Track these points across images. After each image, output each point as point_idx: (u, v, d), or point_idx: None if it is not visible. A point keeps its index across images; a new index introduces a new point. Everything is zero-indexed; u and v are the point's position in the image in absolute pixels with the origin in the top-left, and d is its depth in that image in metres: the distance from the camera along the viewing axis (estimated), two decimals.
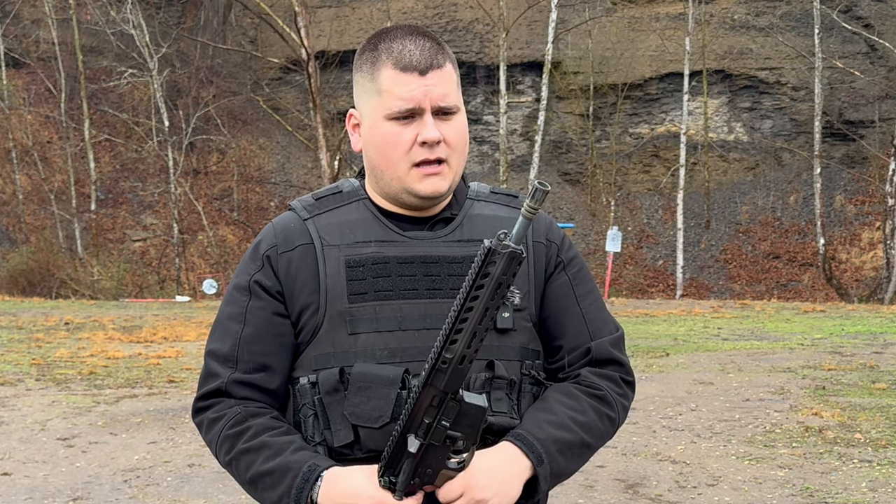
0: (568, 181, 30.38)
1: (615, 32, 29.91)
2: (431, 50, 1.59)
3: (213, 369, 1.65)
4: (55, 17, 27.75)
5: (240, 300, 1.65)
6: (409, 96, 1.57)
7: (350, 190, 1.70)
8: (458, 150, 1.62)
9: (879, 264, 24.24)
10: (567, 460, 1.59)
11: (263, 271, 1.64)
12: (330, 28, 30.71)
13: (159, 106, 26.85)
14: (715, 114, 29.46)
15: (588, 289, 1.73)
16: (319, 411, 1.58)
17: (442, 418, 1.41)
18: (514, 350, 1.62)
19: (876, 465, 5.85)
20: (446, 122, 1.60)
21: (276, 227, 1.68)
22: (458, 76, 1.66)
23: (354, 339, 1.58)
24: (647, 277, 27.35)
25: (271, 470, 1.54)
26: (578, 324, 1.69)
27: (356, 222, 1.65)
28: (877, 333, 12.38)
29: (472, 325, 1.36)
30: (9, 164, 27.24)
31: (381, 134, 1.60)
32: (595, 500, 5.27)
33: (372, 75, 1.61)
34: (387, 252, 1.61)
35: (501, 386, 1.59)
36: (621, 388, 1.69)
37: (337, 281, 1.60)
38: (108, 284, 23.95)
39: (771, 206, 28.05)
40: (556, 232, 1.74)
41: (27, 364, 10.35)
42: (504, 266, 1.34)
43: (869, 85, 27.61)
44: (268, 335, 1.62)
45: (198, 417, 1.66)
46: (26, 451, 6.44)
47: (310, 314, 1.60)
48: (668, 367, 9.63)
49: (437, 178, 1.60)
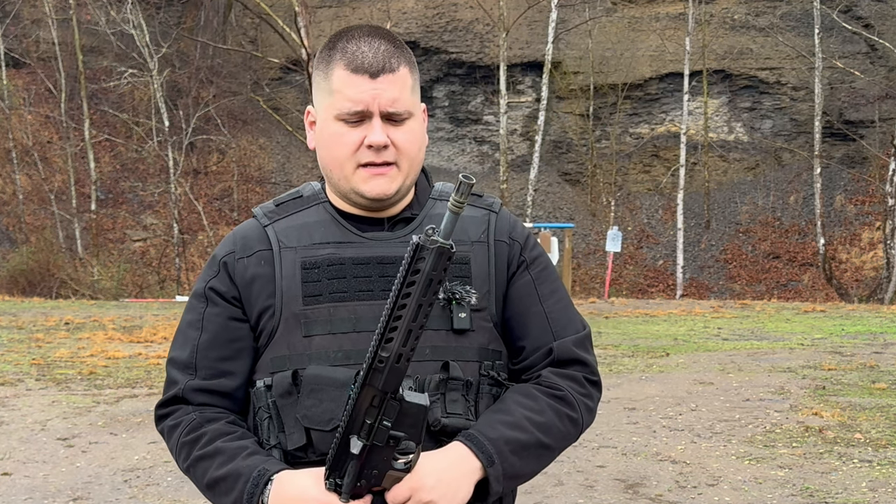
0: (568, 181, 30.38)
1: (615, 32, 29.90)
2: (386, 53, 1.57)
3: (173, 377, 1.66)
4: (55, 17, 27.74)
5: (197, 307, 1.66)
6: (357, 98, 1.55)
7: (311, 194, 1.70)
8: (408, 154, 1.60)
9: (879, 264, 24.23)
10: (522, 461, 1.56)
11: (219, 277, 1.65)
12: (330, 28, 30.70)
13: (159, 106, 26.84)
14: (715, 114, 29.45)
15: (552, 288, 1.71)
16: (274, 414, 1.57)
17: (383, 418, 1.40)
18: (473, 351, 1.60)
19: (876, 465, 5.85)
20: (396, 127, 1.58)
21: (236, 235, 1.69)
22: (416, 79, 1.63)
23: (309, 341, 1.57)
24: (647, 277, 27.34)
25: (224, 476, 1.54)
26: (541, 324, 1.67)
27: (315, 225, 1.64)
28: (877, 333, 12.38)
29: (407, 322, 1.35)
30: (9, 164, 27.23)
31: (330, 134, 1.60)
32: (595, 500, 5.26)
33: (326, 74, 1.60)
34: (343, 253, 1.61)
35: (457, 387, 1.57)
36: (584, 388, 1.66)
37: (292, 283, 1.59)
38: (108, 284, 23.95)
39: (771, 206, 28.05)
40: (521, 231, 1.72)
41: (27, 364, 10.35)
42: (433, 262, 1.33)
43: (869, 85, 27.61)
44: (225, 340, 1.63)
45: (159, 425, 1.68)
46: (26, 451, 6.44)
47: (268, 317, 1.60)
48: (668, 367, 9.63)
49: (384, 179, 1.58)
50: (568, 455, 6.22)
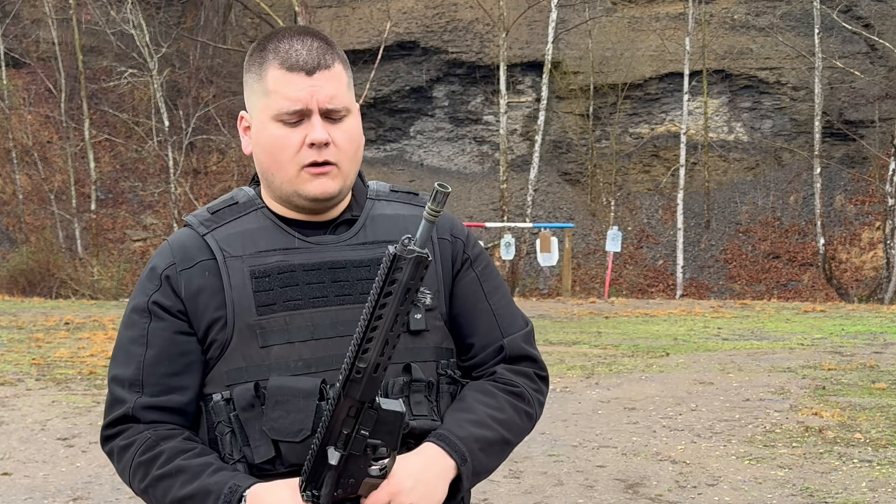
0: (568, 181, 30.37)
1: (615, 32, 29.90)
2: (319, 50, 1.56)
3: (119, 395, 1.59)
4: (55, 17, 27.74)
5: (140, 323, 1.60)
6: (295, 97, 1.53)
7: (246, 200, 1.65)
8: (348, 153, 1.58)
9: (879, 264, 24.23)
10: (488, 458, 1.58)
11: (162, 291, 1.58)
12: (330, 28, 30.70)
13: (159, 106, 26.84)
14: (715, 114, 29.45)
15: (496, 284, 1.72)
16: (237, 428, 1.54)
17: (361, 428, 1.39)
18: (429, 350, 1.61)
19: (876, 465, 5.85)
20: (335, 125, 1.57)
21: (173, 246, 1.63)
22: (350, 77, 1.62)
23: (266, 351, 1.54)
24: (647, 277, 27.34)
25: (191, 494, 1.49)
26: (489, 321, 1.68)
27: (257, 231, 1.60)
28: (877, 333, 12.38)
29: (384, 332, 1.35)
30: (9, 164, 27.23)
31: (269, 136, 1.57)
32: (595, 500, 5.26)
33: (259, 75, 1.58)
34: (292, 260, 1.58)
35: (420, 389, 1.57)
36: (536, 383, 1.69)
37: (243, 293, 1.55)
38: (108, 284, 23.95)
39: (771, 206, 28.04)
40: (460, 228, 1.72)
41: (27, 364, 10.35)
42: (411, 271, 1.33)
43: (869, 85, 27.60)
44: (172, 355, 1.58)
45: (107, 446, 1.61)
46: (26, 451, 6.44)
47: (218, 329, 1.56)
48: (668, 367, 9.63)
49: (326, 178, 1.56)
50: (568, 455, 6.22)
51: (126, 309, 1.65)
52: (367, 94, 24.77)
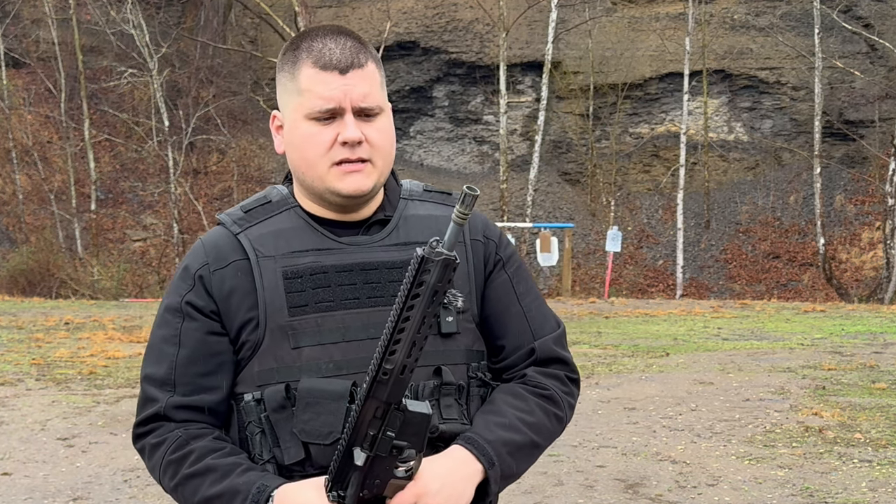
0: (568, 181, 30.37)
1: (615, 32, 29.90)
2: (353, 49, 1.56)
3: (151, 394, 1.60)
4: (55, 17, 27.74)
5: (172, 322, 1.60)
6: (329, 95, 1.54)
7: (279, 199, 1.65)
8: (381, 151, 1.58)
9: (879, 264, 24.23)
10: (517, 461, 1.58)
11: (195, 291, 1.59)
12: None
13: (159, 106, 26.84)
14: (715, 114, 29.45)
15: (528, 286, 1.71)
16: (267, 429, 1.54)
17: (387, 429, 1.39)
18: (460, 353, 1.61)
19: (876, 465, 5.85)
20: (369, 123, 1.56)
21: (206, 245, 1.62)
22: (383, 76, 1.62)
23: (298, 353, 1.54)
24: (647, 277, 27.34)
25: (219, 493, 1.50)
26: (520, 322, 1.67)
27: (289, 231, 1.60)
28: (877, 333, 12.38)
29: (411, 334, 1.34)
30: (9, 164, 27.23)
31: (301, 134, 1.57)
32: (595, 500, 5.26)
33: (293, 74, 1.59)
34: (324, 261, 1.58)
35: (450, 392, 1.57)
36: (567, 386, 1.69)
37: (275, 294, 1.55)
38: (108, 284, 23.95)
39: (771, 206, 28.05)
40: (493, 229, 1.72)
41: (27, 364, 10.35)
42: (439, 274, 1.32)
43: (869, 85, 27.61)
44: (204, 355, 1.58)
45: (139, 443, 1.63)
46: (26, 451, 6.44)
47: (250, 330, 1.56)
48: (668, 367, 9.63)
49: (359, 175, 1.56)
50: (568, 455, 6.22)
51: (159, 307, 1.65)
52: None
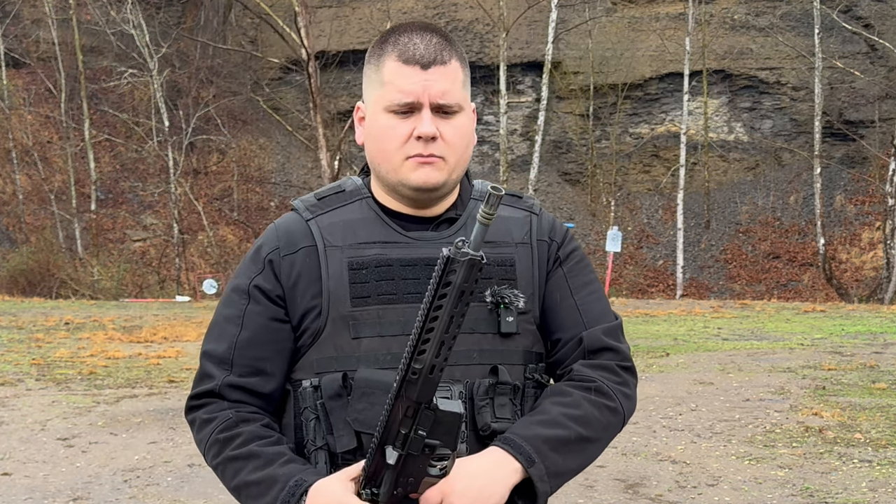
0: (568, 181, 30.38)
1: (615, 32, 29.90)
2: (438, 46, 1.58)
3: (208, 370, 1.63)
4: (55, 17, 27.75)
5: (238, 303, 1.63)
6: (408, 89, 1.55)
7: (353, 189, 1.68)
8: (456, 149, 1.59)
9: (879, 264, 24.23)
10: (565, 457, 1.54)
11: (264, 275, 1.62)
12: (330, 28, 30.70)
13: (159, 106, 26.85)
14: (715, 114, 29.45)
15: (585, 280, 1.70)
16: (322, 416, 1.55)
17: (418, 428, 1.39)
18: (518, 354, 1.61)
19: (876, 465, 5.85)
20: (446, 121, 1.58)
21: (279, 229, 1.66)
22: (467, 75, 1.63)
23: (357, 342, 1.56)
24: (647, 277, 27.34)
25: (258, 480, 1.52)
26: (573, 315, 1.66)
27: (359, 222, 1.63)
28: (877, 333, 12.38)
29: (439, 334, 1.34)
30: (9, 164, 27.24)
31: (380, 126, 1.59)
32: (595, 500, 5.26)
33: (377, 66, 1.61)
34: (390, 254, 1.59)
35: (505, 392, 1.57)
36: (619, 375, 1.64)
37: (340, 284, 1.58)
38: (108, 284, 23.95)
39: (771, 206, 28.05)
40: (559, 230, 1.72)
41: (27, 364, 10.35)
42: (465, 274, 1.32)
43: (869, 85, 27.61)
44: (264, 340, 1.60)
45: (190, 415, 1.65)
46: (26, 451, 6.44)
47: (312, 318, 1.59)
48: (668, 367, 9.63)
49: (430, 168, 1.57)
50: None
51: (227, 287, 1.68)
52: None
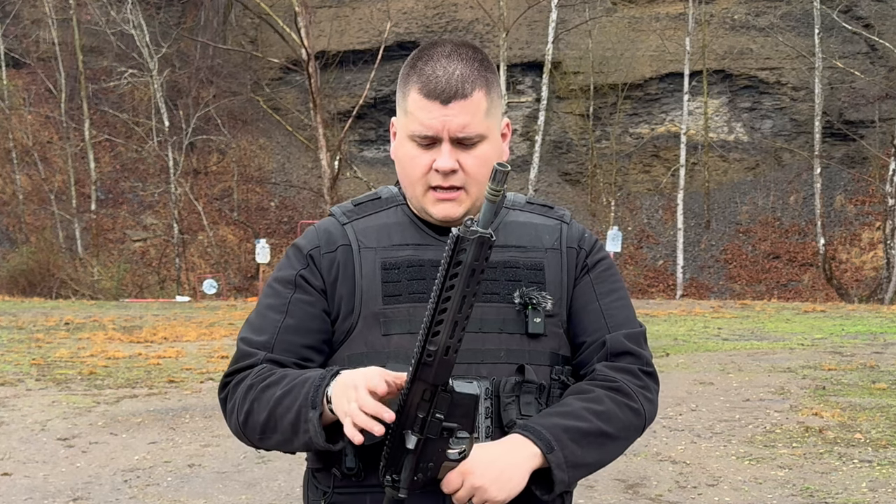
0: (568, 181, 30.38)
1: (615, 32, 29.91)
2: (460, 78, 1.60)
3: (248, 352, 1.64)
4: (55, 17, 27.76)
5: (283, 292, 1.66)
6: (428, 124, 1.59)
7: (388, 196, 1.73)
8: (477, 179, 1.62)
9: (879, 264, 24.24)
10: (584, 449, 1.57)
11: (309, 269, 1.66)
12: (330, 28, 30.71)
13: (159, 106, 26.86)
14: (715, 114, 29.46)
15: (611, 287, 1.74)
16: None
17: (435, 411, 1.40)
18: (545, 355, 1.64)
19: (876, 465, 5.85)
20: (467, 151, 1.60)
21: (319, 230, 1.72)
22: (493, 100, 1.65)
23: (387, 339, 1.60)
24: (648, 277, 27.35)
25: (289, 389, 1.54)
26: (597, 320, 1.70)
27: (393, 226, 1.68)
28: (877, 333, 12.38)
29: (452, 314, 1.36)
30: (9, 164, 27.25)
31: (405, 153, 1.64)
32: (595, 500, 5.26)
33: (404, 94, 1.65)
34: (422, 255, 1.64)
35: (531, 390, 1.60)
36: (640, 379, 1.68)
37: (372, 282, 1.62)
38: (108, 284, 23.95)
39: (771, 206, 28.05)
40: (588, 239, 1.76)
41: (27, 364, 10.35)
42: (475, 252, 1.34)
43: (869, 85, 27.61)
44: (309, 329, 1.64)
45: (223, 392, 1.66)
46: (26, 451, 6.44)
47: (345, 315, 1.63)
48: (668, 367, 9.63)
49: (452, 203, 1.62)
50: None
51: (266, 284, 1.72)
52: (367, 94, 24.77)
